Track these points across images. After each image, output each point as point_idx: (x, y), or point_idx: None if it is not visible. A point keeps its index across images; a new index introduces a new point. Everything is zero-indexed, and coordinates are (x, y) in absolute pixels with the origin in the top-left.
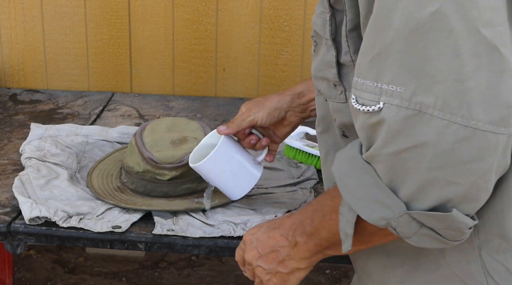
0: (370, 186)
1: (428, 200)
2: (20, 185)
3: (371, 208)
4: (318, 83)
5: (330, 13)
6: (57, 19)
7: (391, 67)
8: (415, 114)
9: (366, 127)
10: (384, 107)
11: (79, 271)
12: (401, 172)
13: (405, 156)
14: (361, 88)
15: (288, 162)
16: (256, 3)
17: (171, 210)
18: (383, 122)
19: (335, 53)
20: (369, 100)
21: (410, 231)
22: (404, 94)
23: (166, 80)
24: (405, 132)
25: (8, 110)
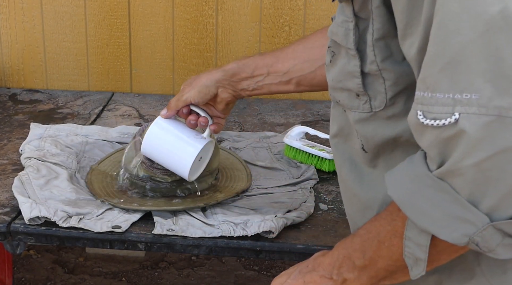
0: (447, 203)
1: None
2: (19, 185)
3: (450, 226)
4: (337, 94)
5: (354, 22)
6: (57, 19)
7: (464, 74)
8: (495, 120)
9: (439, 142)
10: (460, 117)
11: (79, 271)
12: (483, 182)
13: (488, 165)
14: (430, 102)
15: (288, 162)
16: (256, 3)
17: (171, 210)
18: (461, 134)
19: (359, 63)
20: (442, 113)
21: (493, 244)
22: (480, 100)
23: (166, 80)
24: (486, 140)
25: (8, 110)
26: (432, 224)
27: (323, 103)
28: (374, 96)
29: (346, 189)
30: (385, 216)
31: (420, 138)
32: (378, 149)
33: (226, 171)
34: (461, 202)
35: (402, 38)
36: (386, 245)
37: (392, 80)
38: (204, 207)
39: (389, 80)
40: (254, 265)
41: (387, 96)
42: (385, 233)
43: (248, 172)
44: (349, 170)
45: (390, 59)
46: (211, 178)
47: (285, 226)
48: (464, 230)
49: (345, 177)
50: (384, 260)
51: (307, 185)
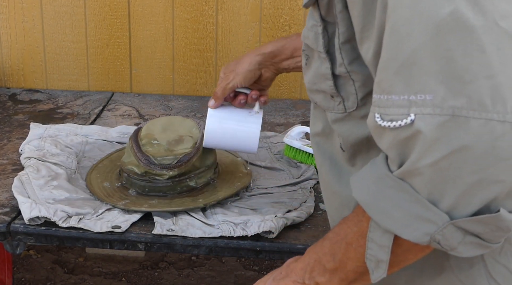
0: (408, 203)
1: (472, 205)
2: (19, 185)
3: (412, 226)
4: (314, 96)
5: (322, 26)
6: (56, 19)
7: (417, 76)
8: (449, 119)
9: (397, 143)
10: (416, 118)
11: (79, 271)
12: (441, 181)
13: (445, 164)
14: (386, 105)
15: (288, 162)
16: (256, 2)
17: (171, 210)
18: (417, 134)
19: (329, 65)
20: (398, 114)
21: (454, 242)
22: (434, 101)
23: (166, 80)
24: (442, 140)
25: (8, 110)
26: (394, 224)
27: None
28: (346, 97)
29: (326, 186)
30: (352, 218)
31: (379, 140)
32: (354, 148)
33: (226, 169)
34: (421, 201)
35: (360, 42)
36: (354, 246)
37: (360, 82)
38: (204, 207)
39: (358, 82)
40: (254, 265)
41: (358, 97)
42: (352, 235)
43: (248, 169)
44: (330, 168)
45: (357, 61)
46: (210, 173)
47: (285, 226)
48: (425, 229)
49: (325, 175)
50: (353, 262)
51: (307, 185)
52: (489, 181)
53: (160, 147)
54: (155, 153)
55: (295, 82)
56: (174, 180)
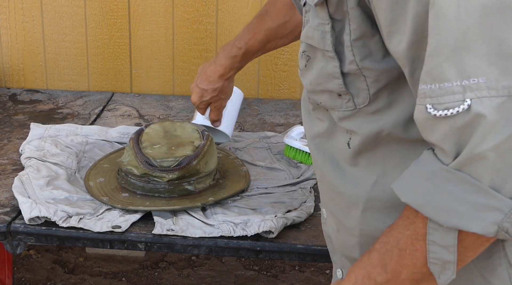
0: (469, 194)
1: None
2: (19, 185)
3: (478, 217)
4: (317, 97)
5: (330, 24)
6: (57, 19)
7: (468, 60)
8: (506, 100)
9: (454, 132)
10: (472, 103)
11: (79, 271)
12: (503, 166)
13: (506, 147)
14: (439, 93)
15: (288, 162)
16: (256, 3)
17: (170, 209)
18: (476, 119)
19: (338, 64)
20: (453, 102)
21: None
22: (488, 83)
23: (166, 80)
24: (502, 121)
25: (8, 110)
26: (459, 219)
27: None
28: (356, 94)
29: (329, 188)
30: (401, 222)
31: (431, 133)
32: (361, 145)
33: (224, 171)
34: (484, 190)
35: (388, 36)
36: (408, 252)
37: (373, 77)
38: (204, 207)
39: (370, 78)
40: (254, 265)
41: (370, 92)
42: (405, 239)
43: (247, 172)
44: (332, 169)
45: (369, 58)
46: (209, 179)
47: (285, 226)
48: (492, 218)
49: (327, 176)
50: (408, 269)
51: (307, 185)
52: None
53: (160, 150)
54: (155, 155)
55: (295, 82)
56: (173, 182)
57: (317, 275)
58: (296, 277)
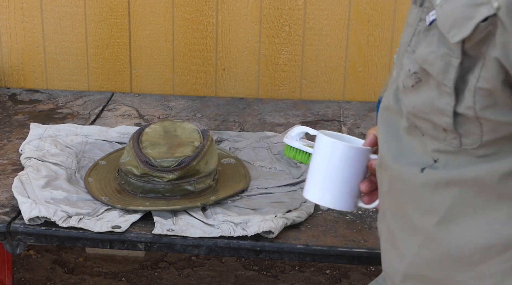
0: None
1: None
2: (19, 185)
3: None
4: (419, 122)
5: (460, 60)
6: (57, 19)
7: None
8: None
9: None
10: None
11: (79, 271)
12: None
13: None
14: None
15: (288, 162)
16: (256, 2)
17: (170, 209)
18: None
19: (453, 103)
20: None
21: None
22: None
23: (166, 80)
24: None
25: (8, 110)
26: None
27: (323, 103)
28: (466, 135)
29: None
30: None
31: None
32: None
33: (224, 171)
34: None
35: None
36: None
37: (491, 127)
38: (204, 207)
39: (487, 126)
40: (254, 265)
41: (482, 139)
42: None
43: (247, 173)
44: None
45: (492, 109)
46: (209, 179)
47: (285, 226)
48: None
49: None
50: None
51: None
52: None
53: (161, 150)
54: (155, 155)
55: (295, 82)
56: (173, 182)
57: (317, 275)
58: (296, 277)
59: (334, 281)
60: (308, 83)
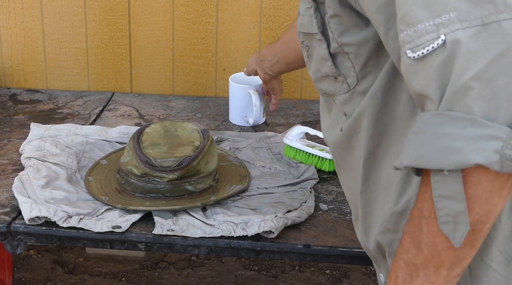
0: (464, 129)
1: None
2: (20, 185)
3: (476, 149)
4: (321, 84)
5: (314, 7)
6: (57, 19)
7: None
8: (480, 29)
9: (434, 71)
10: (447, 37)
11: (79, 271)
12: (492, 94)
13: (490, 74)
14: (415, 37)
15: (288, 162)
16: (256, 3)
17: (171, 209)
18: (452, 53)
19: (326, 45)
20: (428, 41)
21: None
22: (460, 16)
23: (166, 80)
24: (480, 50)
25: (8, 110)
26: (459, 155)
27: None
28: (347, 73)
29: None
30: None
31: (416, 81)
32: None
33: (225, 171)
34: (478, 121)
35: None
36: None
37: (354, 53)
38: (204, 207)
39: (351, 54)
40: (254, 265)
41: (356, 70)
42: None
43: (247, 172)
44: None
45: (346, 33)
46: (210, 179)
47: (285, 226)
48: (492, 147)
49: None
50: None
51: (307, 185)
52: None
53: (161, 150)
54: (155, 155)
55: (295, 82)
56: (174, 182)
57: (317, 275)
58: (296, 277)
59: (334, 281)
60: (308, 83)
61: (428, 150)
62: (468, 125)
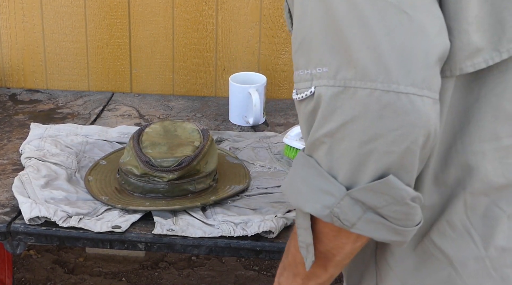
0: (312, 177)
1: (366, 176)
2: (20, 185)
3: (313, 198)
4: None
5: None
6: (57, 19)
7: (314, 50)
8: (342, 91)
9: (305, 117)
10: (315, 90)
11: (79, 271)
12: (338, 153)
13: (339, 135)
14: (297, 80)
15: (288, 162)
16: (256, 3)
17: (170, 209)
18: (316, 106)
19: None
20: (303, 88)
21: (354, 217)
22: (329, 73)
23: (166, 80)
24: (336, 111)
25: (8, 110)
26: (300, 200)
27: None
28: None
29: None
30: None
31: (298, 117)
32: None
33: (225, 171)
34: (323, 174)
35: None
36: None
37: None
38: (204, 207)
39: None
40: (254, 265)
41: None
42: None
43: (247, 172)
44: None
45: None
46: (209, 179)
47: (285, 226)
48: (325, 201)
49: None
50: (300, 253)
51: None
52: (379, 152)
53: (161, 149)
54: (155, 155)
55: None
56: (174, 182)
57: None
58: None
59: (334, 281)
60: None
61: (290, 186)
62: (316, 175)
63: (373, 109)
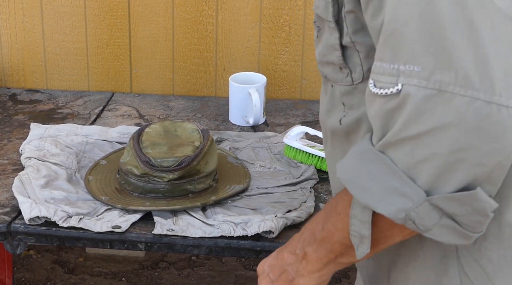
0: (385, 176)
1: (450, 184)
2: (20, 185)
3: (387, 200)
4: (324, 69)
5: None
6: (57, 19)
7: (405, 46)
8: (436, 94)
9: (382, 113)
10: (403, 89)
11: (79, 271)
12: (421, 156)
13: (427, 139)
14: (379, 72)
15: (288, 162)
16: (256, 3)
17: (170, 209)
18: (402, 105)
19: (338, 35)
20: (387, 83)
21: (430, 222)
22: (422, 73)
23: (166, 80)
24: (426, 114)
25: (8, 110)
26: (371, 198)
27: None
28: (353, 68)
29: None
30: (342, 191)
31: (369, 108)
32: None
33: (225, 171)
34: (400, 175)
35: (364, 11)
36: (342, 216)
37: (364, 53)
38: (204, 207)
39: (362, 53)
40: (254, 265)
41: (363, 69)
42: (342, 204)
43: (247, 172)
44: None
45: (361, 32)
46: (209, 179)
47: (285, 226)
48: (401, 204)
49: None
50: (340, 233)
51: (307, 185)
52: (470, 163)
53: (161, 150)
54: (155, 155)
55: (295, 82)
56: (174, 182)
57: None
58: None
59: (334, 281)
60: (308, 83)
61: (354, 178)
62: (391, 174)
63: (470, 118)
